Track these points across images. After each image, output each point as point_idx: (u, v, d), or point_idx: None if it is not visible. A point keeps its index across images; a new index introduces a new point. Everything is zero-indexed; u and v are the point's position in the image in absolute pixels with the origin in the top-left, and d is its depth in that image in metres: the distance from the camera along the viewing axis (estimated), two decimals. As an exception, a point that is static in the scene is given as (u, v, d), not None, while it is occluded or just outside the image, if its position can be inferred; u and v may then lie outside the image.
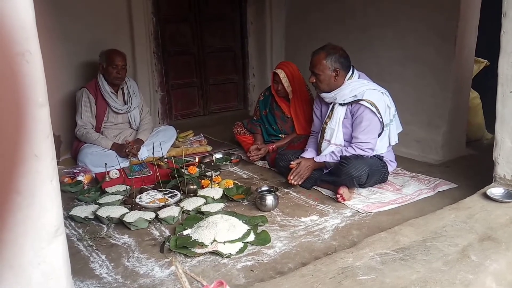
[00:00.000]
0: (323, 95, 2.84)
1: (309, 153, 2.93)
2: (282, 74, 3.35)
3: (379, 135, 2.75)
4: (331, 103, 2.84)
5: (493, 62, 2.51)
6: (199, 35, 4.71)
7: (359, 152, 2.69)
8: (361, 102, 2.68)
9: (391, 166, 2.88)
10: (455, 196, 2.63)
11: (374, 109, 2.66)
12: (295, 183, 2.79)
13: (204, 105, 4.95)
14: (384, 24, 3.63)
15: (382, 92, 2.74)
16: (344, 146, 2.79)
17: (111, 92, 3.44)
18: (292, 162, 2.83)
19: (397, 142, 2.87)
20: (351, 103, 2.73)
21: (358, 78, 2.80)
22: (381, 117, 2.68)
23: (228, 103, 5.13)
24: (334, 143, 2.81)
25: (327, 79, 2.74)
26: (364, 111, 2.68)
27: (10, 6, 1.04)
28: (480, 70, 3.81)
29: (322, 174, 2.86)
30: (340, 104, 2.78)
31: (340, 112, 2.78)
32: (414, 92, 3.50)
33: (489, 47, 2.89)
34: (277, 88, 3.42)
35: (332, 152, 2.79)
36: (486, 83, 3.04)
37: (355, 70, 2.81)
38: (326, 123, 2.86)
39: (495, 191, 2.38)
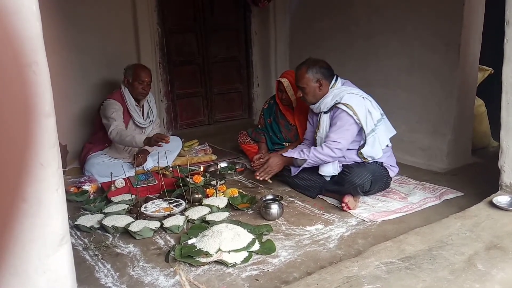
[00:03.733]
0: (312, 106, 2.92)
1: (288, 152, 2.97)
2: (286, 83, 3.37)
3: (365, 142, 2.72)
4: (319, 113, 2.89)
5: (498, 69, 2.51)
6: (204, 45, 4.76)
7: (326, 150, 2.70)
8: (338, 105, 2.73)
9: (393, 171, 2.87)
10: (461, 204, 2.62)
11: (351, 112, 2.68)
12: (261, 179, 2.87)
13: (209, 115, 4.98)
14: (389, 32, 3.64)
15: (363, 97, 2.77)
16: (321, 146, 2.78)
17: (135, 105, 3.46)
18: (260, 158, 2.96)
19: (390, 145, 2.84)
20: (331, 108, 2.78)
21: (342, 85, 2.85)
22: (359, 120, 2.68)
23: (233, 112, 5.15)
24: None
25: (312, 91, 2.82)
26: (341, 113, 2.72)
27: (18, 19, 1.06)
28: (485, 78, 3.80)
29: (326, 183, 2.87)
30: (325, 113, 2.84)
31: (325, 121, 2.84)
32: (420, 100, 3.50)
33: (493, 55, 2.89)
34: (282, 96, 3.44)
35: (301, 150, 2.83)
36: (491, 91, 3.03)
37: (338, 78, 2.87)
38: (316, 133, 2.92)
39: (501, 199, 2.36)
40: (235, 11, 4.91)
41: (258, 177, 2.87)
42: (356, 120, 2.68)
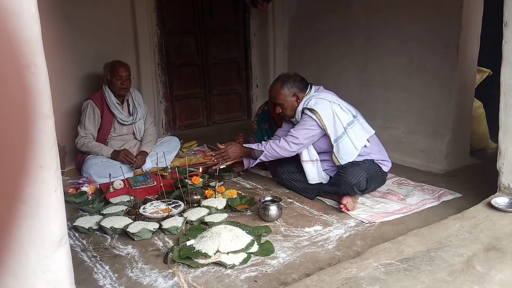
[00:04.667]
0: (292, 120, 2.97)
1: (248, 144, 3.05)
2: None
3: (333, 145, 2.74)
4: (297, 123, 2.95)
5: (496, 71, 2.52)
6: (203, 47, 4.76)
7: (282, 143, 2.80)
8: (304, 110, 2.80)
9: (386, 166, 2.84)
10: (460, 205, 2.62)
11: (314, 117, 2.74)
12: (215, 161, 3.01)
13: (208, 116, 4.98)
14: (388, 33, 3.65)
15: (330, 101, 2.79)
16: (319, 159, 2.86)
17: (117, 103, 3.47)
18: (220, 145, 3.06)
19: (367, 146, 2.79)
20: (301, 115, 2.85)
21: (314, 92, 2.89)
22: (322, 125, 2.73)
23: (232, 113, 5.15)
24: (310, 160, 2.85)
25: (290, 106, 2.89)
26: (305, 116, 2.80)
27: (17, 21, 1.06)
28: (483, 80, 3.81)
29: (323, 185, 2.88)
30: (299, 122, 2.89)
31: None
32: (418, 101, 3.50)
33: (492, 56, 2.90)
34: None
35: (261, 142, 2.95)
36: (490, 93, 3.04)
37: (312, 86, 2.92)
38: None
39: (499, 200, 2.36)
40: (234, 13, 4.92)
41: (213, 159, 3.02)
42: (319, 124, 2.73)
